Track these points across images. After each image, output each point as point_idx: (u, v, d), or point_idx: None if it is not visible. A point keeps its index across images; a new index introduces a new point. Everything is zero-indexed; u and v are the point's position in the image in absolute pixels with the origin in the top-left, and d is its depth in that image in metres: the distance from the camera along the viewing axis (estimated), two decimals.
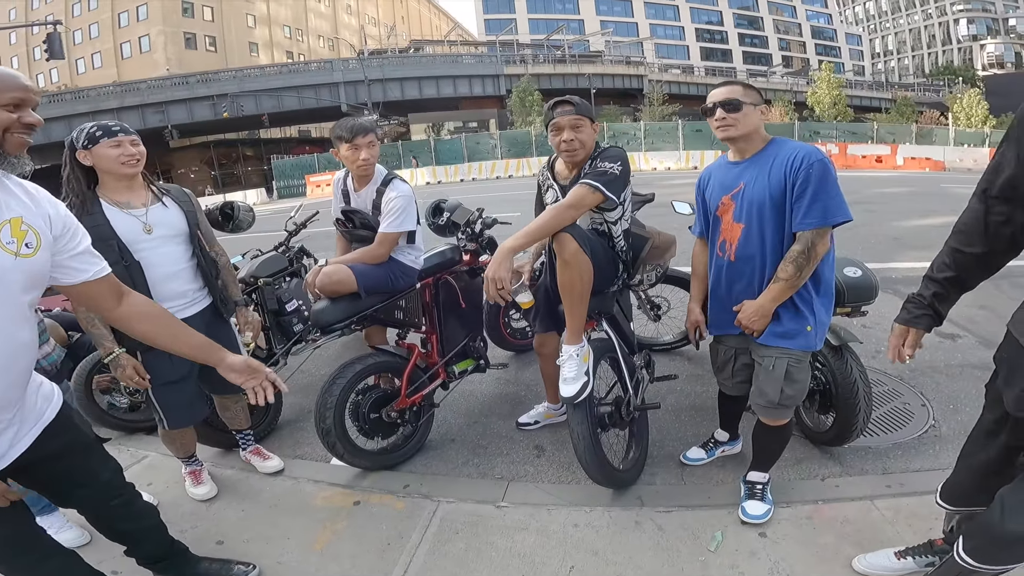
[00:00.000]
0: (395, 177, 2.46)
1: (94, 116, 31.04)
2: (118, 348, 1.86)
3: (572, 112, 1.96)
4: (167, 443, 2.24)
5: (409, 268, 2.45)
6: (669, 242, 2.34)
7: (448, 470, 2.42)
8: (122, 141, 1.84)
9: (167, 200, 1.99)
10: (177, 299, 1.97)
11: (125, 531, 1.61)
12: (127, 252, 1.85)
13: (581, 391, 1.83)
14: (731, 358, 1.97)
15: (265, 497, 2.28)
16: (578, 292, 1.80)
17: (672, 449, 2.43)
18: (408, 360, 2.37)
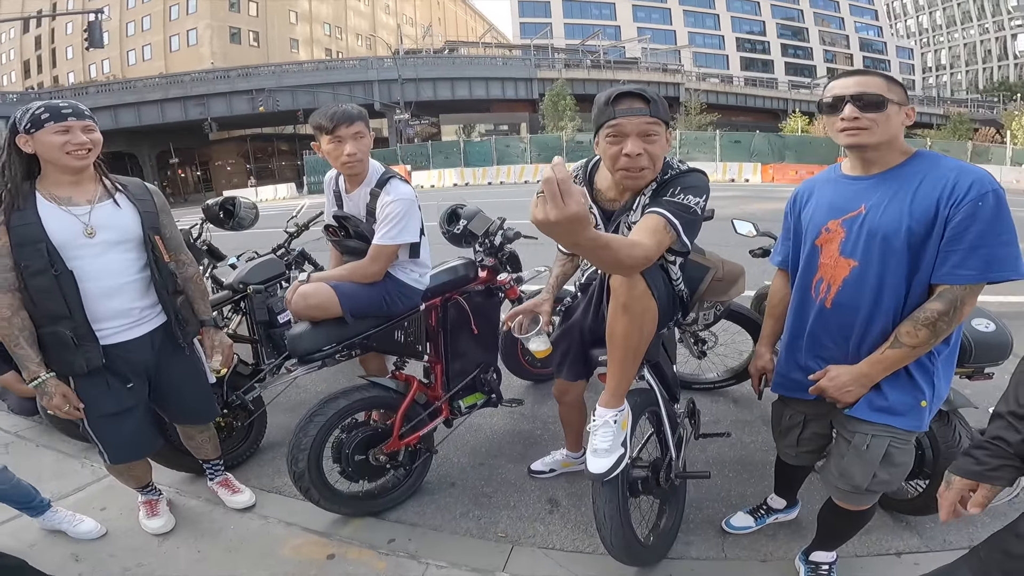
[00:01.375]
0: (393, 176, 2.04)
1: (139, 107, 32.05)
2: (45, 372, 1.58)
3: (645, 112, 1.38)
4: (115, 474, 1.96)
5: (410, 288, 2.06)
6: (736, 275, 1.82)
7: (443, 522, 2.06)
8: (72, 127, 1.55)
9: (120, 198, 1.68)
10: (119, 318, 1.67)
11: None
12: (58, 259, 1.56)
13: (615, 467, 1.43)
14: (799, 424, 1.56)
15: (227, 537, 2.00)
16: (634, 346, 1.38)
17: (712, 512, 2.03)
18: (405, 395, 2.01)
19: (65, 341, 1.57)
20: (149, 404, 1.86)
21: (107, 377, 1.67)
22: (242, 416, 2.43)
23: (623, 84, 1.50)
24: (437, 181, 24.60)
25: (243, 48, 44.08)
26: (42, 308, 1.57)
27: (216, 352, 1.89)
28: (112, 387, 1.68)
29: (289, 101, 30.40)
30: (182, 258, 1.86)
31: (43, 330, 1.59)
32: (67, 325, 1.58)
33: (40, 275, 1.53)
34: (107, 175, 1.70)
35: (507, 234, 2.30)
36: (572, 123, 31.09)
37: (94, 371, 1.63)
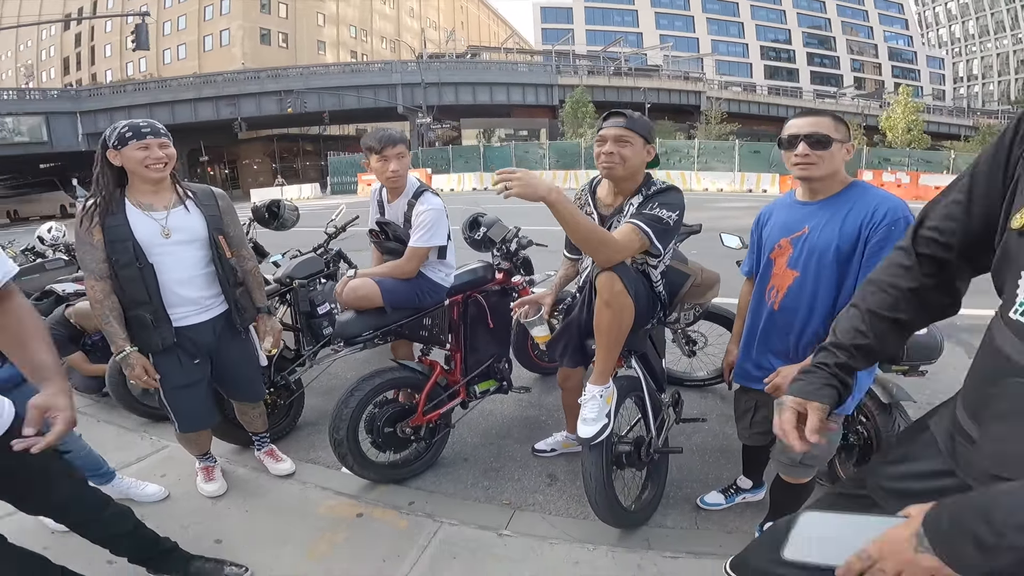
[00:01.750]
0: (426, 190, 2.42)
1: (174, 106, 32.84)
2: (129, 347, 1.88)
3: (621, 124, 1.79)
4: (182, 442, 2.29)
5: (438, 285, 2.42)
6: (712, 281, 2.18)
7: (456, 490, 2.38)
8: (150, 144, 1.83)
9: (190, 204, 1.98)
10: (188, 305, 1.98)
11: (98, 539, 1.62)
12: (142, 255, 1.86)
13: (599, 433, 1.75)
14: (751, 409, 1.85)
15: (271, 499, 2.31)
16: (615, 335, 1.72)
17: (691, 491, 2.31)
18: (429, 377, 2.35)
19: (145, 323, 1.88)
20: (211, 381, 2.14)
21: (178, 354, 1.97)
22: (285, 395, 2.79)
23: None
24: (457, 185, 24.71)
25: (273, 49, 44.96)
26: (128, 294, 1.87)
27: (268, 335, 2.20)
28: (183, 363, 1.98)
29: (315, 103, 31.06)
30: (243, 253, 2.13)
31: (128, 313, 1.89)
32: (147, 309, 1.88)
33: (127, 267, 1.84)
34: (180, 184, 2.00)
35: (521, 241, 2.63)
36: (592, 130, 31.31)
37: (168, 349, 1.94)
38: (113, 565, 1.78)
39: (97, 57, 50.57)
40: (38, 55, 54.74)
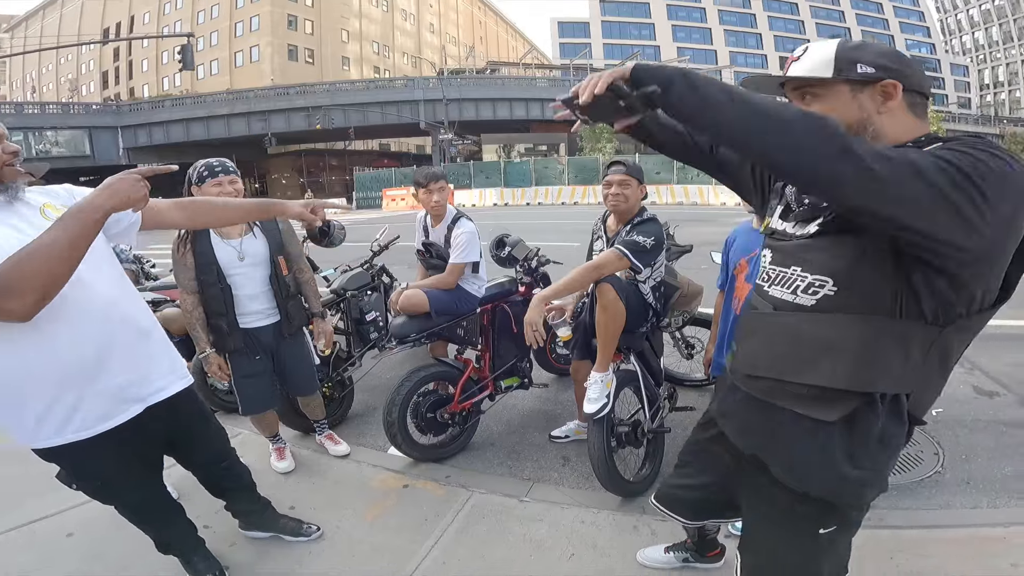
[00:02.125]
0: (462, 216, 3.00)
1: (208, 121, 33.78)
2: (209, 348, 2.31)
3: (622, 171, 2.36)
4: (254, 424, 2.71)
5: (471, 296, 2.95)
6: (697, 292, 2.70)
7: (485, 468, 2.83)
8: (222, 181, 2.20)
9: (256, 231, 2.37)
10: (255, 314, 2.39)
11: (227, 488, 2.01)
12: (223, 276, 2.28)
13: (600, 410, 2.21)
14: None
15: (332, 475, 2.73)
16: (611, 332, 2.20)
17: None
18: (463, 372, 2.83)
19: (222, 330, 2.31)
20: (272, 375, 2.52)
21: (247, 352, 2.38)
22: (339, 389, 3.29)
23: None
24: (478, 200, 25.05)
25: (299, 65, 46.21)
26: (211, 306, 2.29)
27: (321, 336, 2.60)
28: (249, 359, 2.40)
29: (341, 118, 31.94)
30: (300, 266, 2.51)
31: (212, 321, 2.31)
32: (224, 320, 2.30)
33: (212, 286, 2.25)
34: None
35: (541, 259, 3.13)
36: (610, 144, 31.23)
37: (239, 350, 2.36)
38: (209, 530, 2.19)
39: (135, 71, 52.26)
40: (78, 68, 56.87)
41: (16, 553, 2.20)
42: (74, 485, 1.58)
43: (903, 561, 1.94)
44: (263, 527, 2.17)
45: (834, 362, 1.04)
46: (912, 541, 2.04)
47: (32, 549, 2.22)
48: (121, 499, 1.68)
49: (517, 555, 2.10)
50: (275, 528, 2.17)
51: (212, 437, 1.87)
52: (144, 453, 1.65)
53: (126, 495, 1.67)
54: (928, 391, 1.08)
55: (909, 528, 2.13)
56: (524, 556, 2.09)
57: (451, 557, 2.10)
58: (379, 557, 2.11)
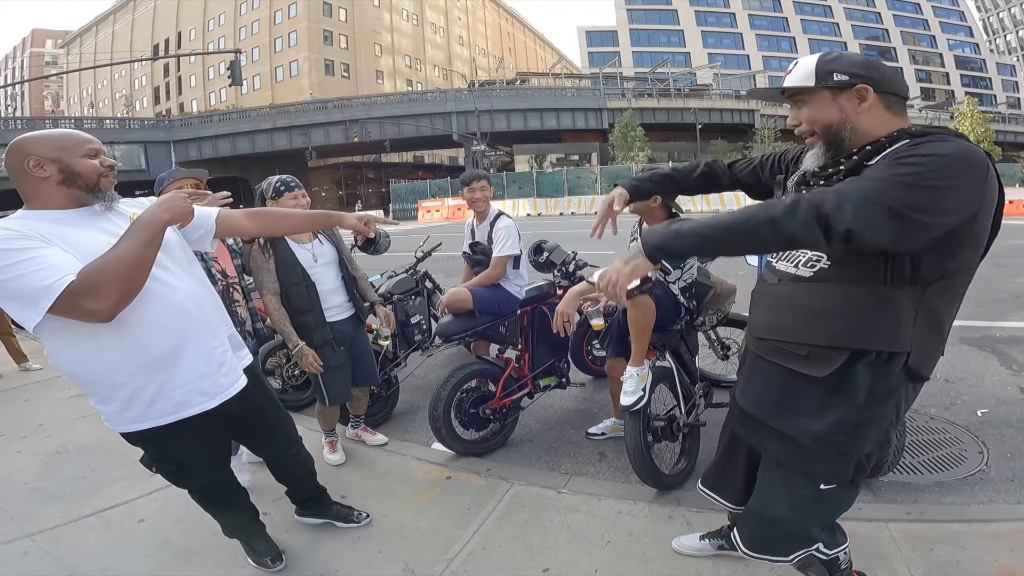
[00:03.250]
0: (502, 214, 3.28)
1: (252, 136, 34.83)
2: (301, 342, 2.46)
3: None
4: (322, 418, 2.83)
5: (512, 297, 3.13)
6: (730, 291, 2.78)
7: (524, 462, 2.94)
8: (297, 195, 2.50)
9: (321, 236, 2.64)
10: (334, 308, 2.60)
11: (293, 474, 2.11)
12: (306, 275, 2.49)
13: (636, 402, 2.32)
14: None
15: (379, 467, 2.85)
16: (641, 327, 2.31)
17: None
18: (504, 370, 2.98)
19: (309, 324, 2.49)
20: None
21: (332, 344, 2.55)
22: (386, 387, 3.49)
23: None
24: (511, 211, 24.91)
25: (336, 79, 47.62)
26: (295, 305, 2.47)
27: (387, 322, 2.88)
28: (335, 351, 2.57)
29: (377, 131, 32.55)
30: (354, 264, 2.78)
31: (296, 319, 2.48)
32: (310, 316, 2.49)
33: (296, 285, 2.46)
34: None
35: (578, 263, 3.28)
36: (643, 152, 31.06)
37: (327, 342, 2.53)
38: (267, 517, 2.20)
39: (184, 87, 54.72)
40: (131, 84, 59.86)
41: (93, 537, 2.36)
42: (154, 468, 1.72)
43: (943, 552, 1.97)
44: (318, 513, 2.29)
45: (827, 324, 1.22)
46: (953, 534, 2.06)
47: (108, 533, 2.38)
48: (194, 483, 1.82)
49: (555, 541, 2.20)
50: (328, 515, 2.29)
51: (282, 424, 1.99)
52: (215, 440, 1.76)
53: (199, 479, 1.79)
54: (925, 350, 1.21)
55: (950, 522, 2.14)
56: (562, 542, 2.19)
57: (492, 542, 2.21)
58: (425, 541, 2.24)
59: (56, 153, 1.38)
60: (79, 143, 1.42)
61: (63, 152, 1.39)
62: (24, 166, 1.37)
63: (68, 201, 1.42)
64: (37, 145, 1.38)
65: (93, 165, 1.42)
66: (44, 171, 1.37)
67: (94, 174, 1.43)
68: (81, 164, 1.41)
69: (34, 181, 1.38)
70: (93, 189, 1.44)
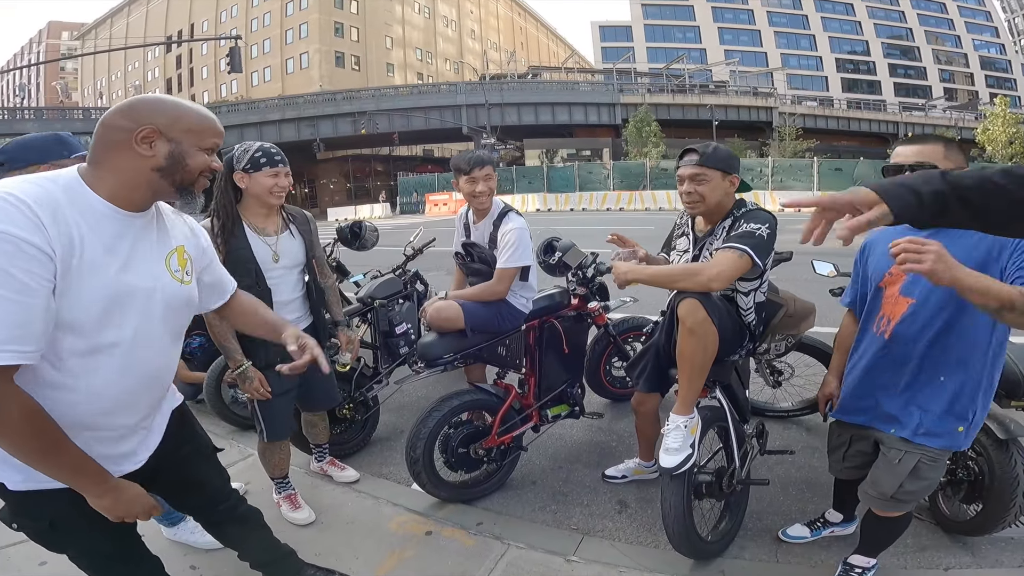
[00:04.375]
0: (511, 210, 2.48)
1: (261, 127, 34.83)
2: (247, 361, 1.95)
3: (693, 162, 1.84)
4: (265, 458, 2.29)
5: (517, 311, 2.46)
6: (807, 311, 2.14)
7: (524, 512, 2.39)
8: (279, 172, 1.95)
9: (293, 229, 2.09)
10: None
11: (233, 535, 1.67)
12: (261, 277, 1.97)
13: (683, 463, 1.73)
14: (845, 443, 1.79)
15: (344, 513, 2.35)
16: (699, 364, 1.71)
17: (771, 523, 2.22)
18: (504, 401, 2.39)
19: (259, 340, 1.92)
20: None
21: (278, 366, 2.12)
22: (362, 411, 2.90)
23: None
24: (520, 206, 24.59)
25: (346, 71, 47.56)
26: None
27: (347, 348, 2.26)
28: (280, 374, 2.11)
29: (386, 124, 32.42)
30: (324, 271, 2.25)
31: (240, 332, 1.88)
32: None
33: (249, 289, 1.87)
34: (284, 208, 2.11)
35: (599, 267, 2.62)
36: (656, 149, 30.40)
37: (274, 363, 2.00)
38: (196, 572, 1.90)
39: (195, 79, 55.22)
40: (144, 76, 60.35)
41: None
42: (14, 525, 1.21)
43: None
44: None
45: None
46: None
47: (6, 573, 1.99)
48: (73, 548, 1.30)
49: None
50: None
51: (209, 476, 1.54)
52: None
53: (79, 543, 1.29)
54: None
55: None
56: None
57: None
58: None
59: (179, 135, 1.09)
60: (208, 131, 1.14)
61: (187, 136, 1.10)
62: (130, 134, 1.05)
63: (138, 195, 1.10)
64: (162, 115, 1.08)
65: (205, 161, 1.14)
66: (151, 150, 1.07)
67: (196, 172, 1.14)
68: (195, 157, 1.12)
69: (127, 155, 1.06)
70: (183, 190, 1.14)
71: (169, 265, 1.19)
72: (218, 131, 1.16)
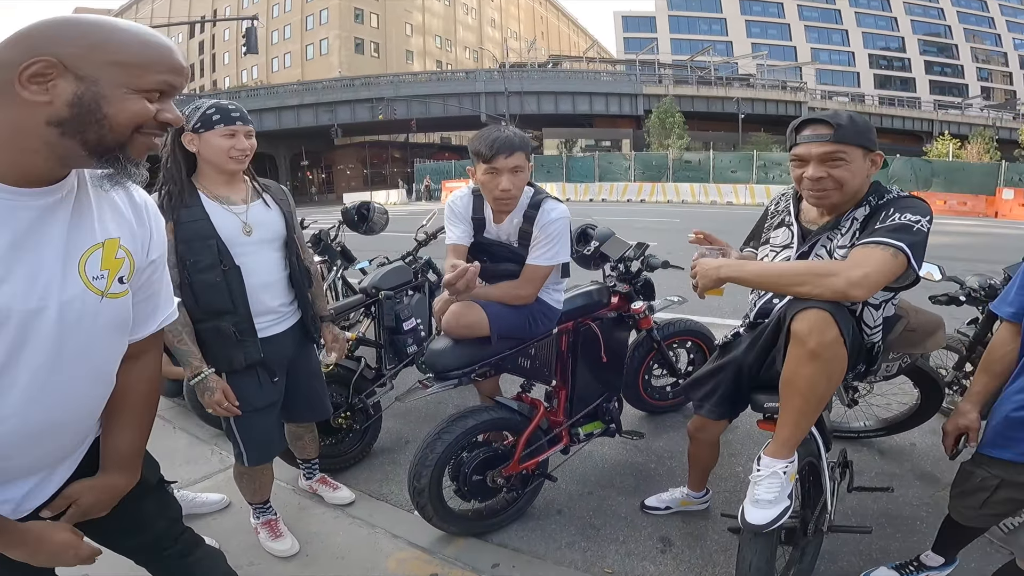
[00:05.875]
0: (545, 196, 1.93)
1: (279, 112, 34.87)
2: (207, 368, 1.58)
3: (828, 139, 1.36)
4: (241, 483, 1.92)
5: (552, 310, 1.99)
6: (933, 326, 1.67)
7: (548, 551, 1.99)
8: (237, 131, 1.59)
9: (267, 198, 1.72)
10: (268, 315, 1.71)
11: None
12: (227, 255, 1.59)
13: (778, 518, 1.31)
14: (991, 488, 1.37)
15: (334, 545, 2.00)
16: (817, 397, 1.29)
17: (847, 566, 1.83)
18: (531, 420, 1.97)
19: (227, 335, 1.59)
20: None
21: (259, 372, 1.68)
22: (361, 419, 2.50)
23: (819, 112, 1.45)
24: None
25: (365, 58, 47.45)
26: (205, 304, 1.57)
27: (333, 348, 1.91)
28: (262, 382, 1.69)
29: (404, 110, 32.00)
30: (305, 253, 1.87)
31: (202, 325, 1.59)
32: (230, 320, 1.59)
33: (208, 271, 1.55)
34: (255, 177, 1.74)
35: (650, 261, 2.19)
36: (680, 141, 29.74)
37: (249, 366, 1.65)
38: None
39: (217, 64, 55.74)
40: None
41: None
42: None
43: None
44: None
45: None
46: None
47: None
48: None
49: None
50: None
51: (146, 517, 1.18)
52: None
53: None
54: None
55: None
56: None
57: None
58: None
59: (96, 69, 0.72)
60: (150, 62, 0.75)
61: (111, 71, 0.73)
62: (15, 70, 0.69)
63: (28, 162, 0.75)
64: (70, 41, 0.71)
65: (143, 109, 0.76)
66: (45, 93, 0.71)
67: (128, 126, 0.76)
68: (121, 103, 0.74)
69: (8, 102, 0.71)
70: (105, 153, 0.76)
71: (84, 268, 0.83)
72: (170, 64, 0.78)
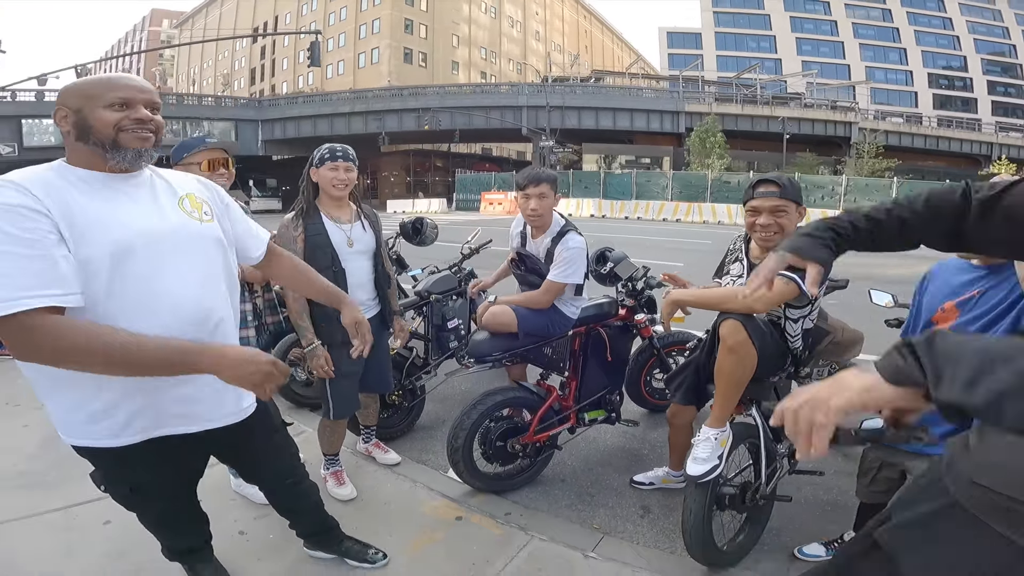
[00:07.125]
0: (571, 230, 2.56)
1: (331, 119, 36.16)
2: (317, 340, 2.14)
3: (775, 195, 1.84)
4: (324, 435, 2.45)
5: (567, 319, 2.61)
6: (854, 340, 2.19)
7: (550, 508, 2.52)
8: (338, 166, 2.17)
9: (364, 222, 2.32)
10: (361, 305, 2.22)
11: (292, 507, 1.81)
12: (336, 260, 2.17)
13: (708, 473, 1.82)
14: (876, 467, 1.85)
15: (383, 493, 2.50)
16: (735, 381, 1.80)
17: (788, 540, 2.26)
18: (544, 400, 2.53)
19: (332, 319, 2.02)
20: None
21: (349, 347, 2.21)
22: (409, 398, 3.12)
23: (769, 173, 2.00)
24: (575, 210, 24.47)
25: (413, 68, 48.59)
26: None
27: (399, 335, 2.49)
28: (350, 355, 2.24)
29: (448, 121, 32.71)
30: (386, 263, 2.45)
31: (316, 310, 2.13)
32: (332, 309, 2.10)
33: (325, 270, 2.04)
34: (360, 203, 2.36)
35: (650, 281, 2.72)
36: (721, 161, 29.22)
37: (344, 342, 2.16)
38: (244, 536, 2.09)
39: (276, 69, 57.86)
40: (232, 65, 64.13)
41: (51, 534, 2.14)
42: (103, 487, 1.44)
43: None
44: (326, 548, 1.99)
45: None
46: None
47: (66, 533, 2.15)
48: (147, 509, 1.54)
49: None
50: (338, 551, 1.99)
51: (277, 452, 1.68)
52: (186, 465, 1.51)
53: (153, 506, 1.52)
54: None
55: None
56: None
57: None
58: None
59: (78, 103, 1.20)
60: (105, 90, 1.21)
61: (86, 101, 1.20)
62: (55, 119, 1.23)
63: (95, 160, 1.23)
64: (66, 93, 1.22)
65: (110, 118, 1.20)
66: (66, 125, 1.21)
67: (108, 127, 1.20)
68: (96, 116, 1.20)
69: (65, 136, 1.23)
70: (109, 147, 1.21)
71: (183, 207, 1.33)
72: (116, 85, 1.21)
